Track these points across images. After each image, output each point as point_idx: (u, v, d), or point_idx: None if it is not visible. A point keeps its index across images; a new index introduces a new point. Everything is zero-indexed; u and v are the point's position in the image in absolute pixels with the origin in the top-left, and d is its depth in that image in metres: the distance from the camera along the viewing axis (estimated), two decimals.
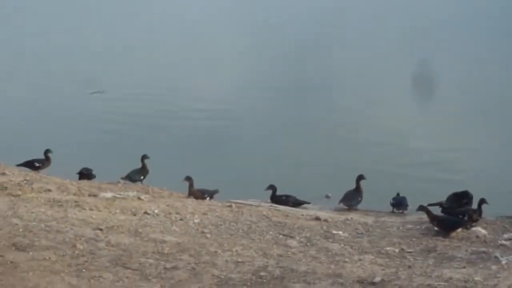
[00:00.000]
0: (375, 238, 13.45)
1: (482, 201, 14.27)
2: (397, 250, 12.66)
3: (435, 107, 27.02)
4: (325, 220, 14.38)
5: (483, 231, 13.60)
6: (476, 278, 10.95)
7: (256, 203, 15.52)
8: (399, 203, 15.66)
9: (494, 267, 11.58)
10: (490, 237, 13.35)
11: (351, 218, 14.75)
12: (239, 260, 11.54)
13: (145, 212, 13.80)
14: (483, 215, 14.32)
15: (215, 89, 29.40)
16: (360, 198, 15.99)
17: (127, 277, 10.59)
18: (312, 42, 39.49)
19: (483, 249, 12.53)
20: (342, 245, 12.90)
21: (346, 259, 12.03)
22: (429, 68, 32.00)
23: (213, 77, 32.17)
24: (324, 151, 21.36)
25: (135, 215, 13.65)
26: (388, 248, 12.75)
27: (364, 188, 16.08)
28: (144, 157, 17.63)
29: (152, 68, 34.33)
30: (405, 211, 15.51)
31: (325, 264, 11.71)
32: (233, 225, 13.56)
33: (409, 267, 11.71)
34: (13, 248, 11.23)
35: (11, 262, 10.69)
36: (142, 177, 17.49)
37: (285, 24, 45.66)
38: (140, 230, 12.67)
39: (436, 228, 13.63)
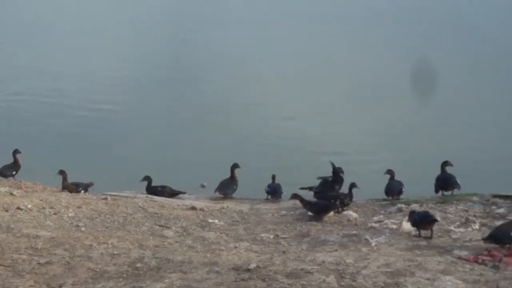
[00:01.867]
0: (251, 225, 13.66)
1: (352, 185, 14.67)
2: (271, 237, 12.89)
3: (311, 91, 27.44)
4: (201, 209, 14.49)
5: (354, 215, 14.01)
6: (348, 260, 11.27)
7: (131, 195, 15.47)
8: (274, 191, 15.89)
9: (364, 249, 11.95)
10: (361, 220, 13.77)
11: (227, 207, 14.90)
12: (115, 252, 11.49)
13: (18, 208, 13.55)
14: (354, 198, 14.74)
15: (88, 81, 28.98)
16: (235, 187, 16.14)
17: None
18: (187, 36, 39.41)
19: (354, 232, 12.91)
20: (218, 233, 13.04)
21: (222, 247, 12.16)
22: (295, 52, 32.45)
23: (87, 68, 31.69)
24: (198, 140, 21.43)
25: (7, 210, 13.38)
26: (263, 235, 12.97)
27: (238, 176, 16.23)
28: (15, 152, 17.25)
29: (24, 59, 33.49)
30: (279, 198, 15.75)
31: (201, 253, 11.81)
32: (108, 218, 13.49)
33: (284, 252, 11.95)
34: None
35: None
36: (14, 172, 17.13)
37: (164, 18, 45.40)
38: (12, 225, 12.44)
39: (309, 213, 13.95)
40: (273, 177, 16.02)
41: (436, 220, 12.62)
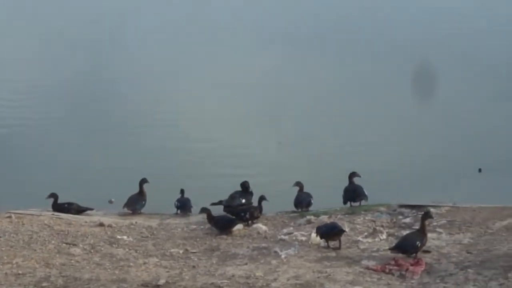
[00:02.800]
0: (160, 240, 13.54)
1: (261, 198, 14.71)
2: (181, 251, 12.81)
3: (224, 108, 27.43)
4: (109, 226, 14.29)
5: (264, 227, 14.04)
6: (258, 274, 11.29)
7: (37, 213, 15.13)
8: (183, 205, 15.77)
9: (274, 261, 11.99)
10: (271, 232, 13.80)
11: (136, 222, 14.74)
12: (20, 272, 11.24)
13: None
14: (264, 211, 14.78)
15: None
16: (144, 202, 15.95)
17: None
18: (100, 49, 38.92)
19: (264, 244, 12.93)
20: (127, 249, 12.89)
21: (131, 264, 12.02)
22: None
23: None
24: (105, 156, 21.11)
25: None
26: (172, 250, 12.88)
27: (147, 191, 16.07)
28: None
29: None
30: (189, 213, 15.64)
31: (109, 270, 11.64)
32: (13, 237, 13.17)
33: (194, 267, 11.89)
34: None
35: None
36: None
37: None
38: None
39: (215, 228, 13.91)
40: (182, 192, 15.91)
41: (343, 231, 12.75)
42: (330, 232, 12.68)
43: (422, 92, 26.09)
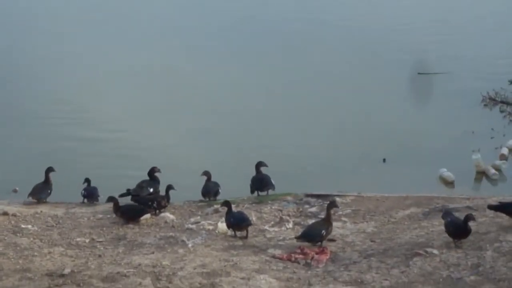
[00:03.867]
0: (66, 230, 13.41)
1: (169, 187, 14.70)
2: (87, 241, 12.71)
3: (136, 98, 27.22)
4: (14, 215, 14.06)
5: (171, 216, 14.05)
6: (164, 262, 11.30)
7: None
8: (90, 194, 15.63)
9: (181, 250, 12.01)
10: (178, 221, 13.82)
11: (41, 211, 14.54)
12: None
13: None
14: (171, 200, 14.78)
15: None
16: (49, 191, 15.73)
17: None
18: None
19: (171, 234, 12.94)
20: (32, 239, 12.72)
21: (36, 253, 11.87)
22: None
23: None
24: (9, 144, 20.70)
25: None
26: (78, 239, 12.77)
27: (53, 180, 15.85)
28: None
29: None
30: (96, 202, 15.50)
31: (13, 259, 11.48)
32: None
33: (100, 256, 11.82)
34: None
35: None
36: None
37: None
38: None
39: (121, 219, 13.83)
40: (88, 181, 15.74)
41: (251, 224, 12.86)
42: (239, 224, 12.78)
43: (329, 84, 26.46)
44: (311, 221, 13.27)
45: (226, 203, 13.08)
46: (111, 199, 14.19)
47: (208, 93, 27.20)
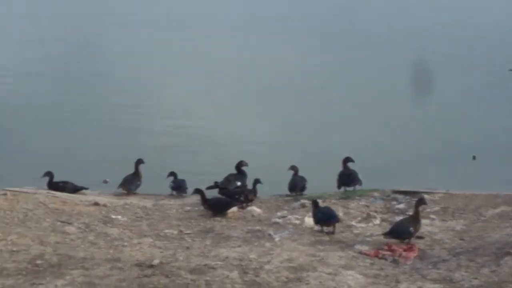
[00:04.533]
0: (154, 221, 13.59)
1: (256, 181, 14.77)
2: (175, 232, 12.85)
3: (213, 89, 27.43)
4: (104, 205, 14.32)
5: (258, 210, 14.10)
6: (251, 256, 11.34)
7: (32, 191, 15.15)
8: (178, 186, 15.82)
9: (268, 244, 12.04)
10: (265, 215, 13.86)
11: (130, 202, 14.78)
12: (14, 249, 11.26)
13: None
14: (258, 194, 14.83)
15: None
16: (139, 182, 16.00)
17: None
18: (85, 30, 38.88)
19: (258, 227, 12.99)
20: (121, 229, 12.92)
21: (125, 243, 12.05)
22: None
23: None
24: (100, 135, 21.13)
25: None
26: (167, 231, 12.92)
27: (143, 172, 16.11)
28: None
29: None
30: (184, 194, 15.68)
31: (103, 249, 11.68)
32: (8, 214, 13.18)
33: (187, 248, 11.92)
34: None
35: None
36: None
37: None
38: None
39: (208, 211, 13.94)
40: (173, 174, 15.92)
41: (338, 220, 12.80)
42: (326, 220, 12.73)
43: (420, 80, 26.14)
44: (398, 218, 13.14)
45: (314, 202, 13.06)
46: (197, 191, 14.33)
47: (292, 84, 27.25)
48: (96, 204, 14.38)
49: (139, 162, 16.12)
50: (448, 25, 35.91)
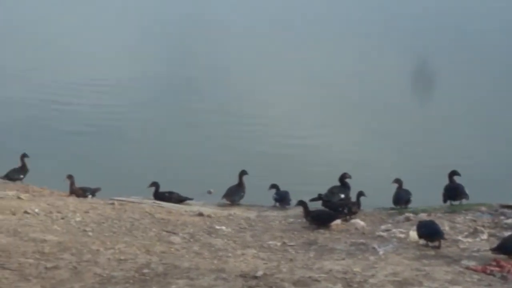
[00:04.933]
0: (258, 232, 13.62)
1: (360, 194, 14.66)
2: (279, 244, 12.85)
3: (314, 101, 27.44)
4: (208, 216, 14.46)
5: (362, 223, 13.97)
6: (355, 269, 11.23)
7: (138, 200, 15.45)
8: (282, 198, 15.84)
9: (372, 257, 11.91)
10: (369, 228, 13.73)
11: (234, 213, 14.88)
12: (122, 257, 11.47)
13: (25, 212, 13.53)
14: (362, 207, 14.71)
15: (97, 84, 28.98)
16: (242, 193, 16.11)
17: (6, 278, 10.37)
18: (197, 40, 39.50)
19: (362, 240, 12.87)
20: (225, 240, 13.01)
21: (229, 254, 12.13)
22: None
23: (96, 71, 31.71)
24: (206, 147, 21.41)
25: (14, 214, 13.37)
26: (270, 242, 12.93)
27: (246, 183, 16.21)
28: (23, 156, 17.29)
29: (27, 60, 33.41)
30: (287, 206, 15.68)
31: (208, 259, 11.77)
32: (115, 223, 13.47)
33: (291, 260, 11.91)
34: None
35: None
36: (22, 176, 17.16)
37: (176, 20, 45.52)
38: (19, 229, 12.42)
39: (311, 224, 13.89)
40: (274, 186, 15.96)
41: (443, 236, 12.52)
42: (431, 236, 12.49)
43: None
44: (507, 233, 12.78)
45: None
46: (301, 203, 14.30)
47: (395, 95, 26.99)
48: (200, 214, 14.54)
49: (243, 173, 16.23)
50: None
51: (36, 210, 13.67)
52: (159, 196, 15.96)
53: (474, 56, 33.25)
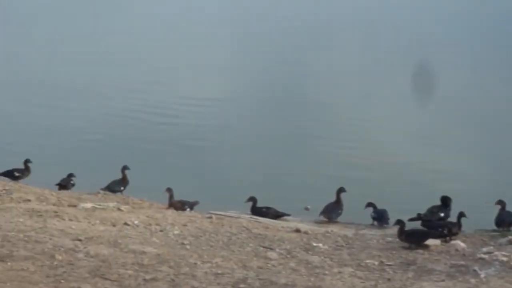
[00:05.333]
0: (355, 250, 13.48)
1: (461, 215, 14.34)
2: (376, 263, 12.68)
3: (411, 116, 27.12)
4: (305, 232, 14.39)
5: (462, 245, 13.66)
6: None
7: (236, 215, 15.52)
8: (380, 217, 15.65)
9: (473, 280, 11.63)
10: (469, 250, 13.41)
11: (331, 231, 14.77)
12: (219, 271, 11.51)
13: (125, 223, 13.75)
14: (462, 228, 14.39)
15: (194, 99, 29.30)
16: (340, 211, 15.99)
17: None
18: (299, 53, 39.60)
19: (462, 262, 12.59)
20: (322, 257, 12.91)
21: (326, 272, 12.03)
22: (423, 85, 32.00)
23: (194, 86, 32.12)
24: (304, 163, 21.37)
25: (114, 226, 13.60)
26: (367, 261, 12.78)
27: (344, 200, 16.09)
28: (124, 168, 17.60)
29: (130, 76, 34.07)
30: (385, 225, 15.48)
31: (305, 276, 11.71)
32: (213, 237, 13.54)
33: (389, 280, 11.73)
34: None
35: None
36: (122, 188, 17.46)
37: (272, 32, 45.78)
38: (119, 241, 12.62)
39: (404, 242, 13.65)
40: (373, 205, 15.78)
41: None
42: None
43: None
44: None
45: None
46: (398, 222, 14.08)
47: (495, 113, 26.40)
48: (297, 231, 14.48)
49: (341, 190, 16.12)
50: None
51: (136, 222, 13.88)
52: (257, 211, 16.00)
53: None
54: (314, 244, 13.64)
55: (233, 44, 42.60)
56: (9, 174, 17.62)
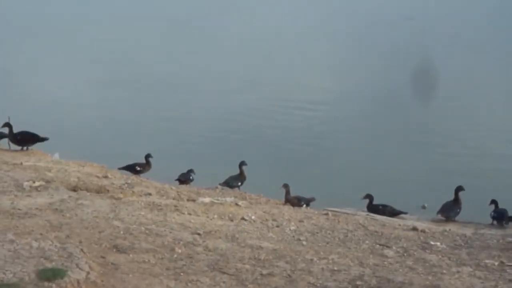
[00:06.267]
0: (474, 250, 13.22)
1: None
2: (496, 263, 12.41)
3: None
4: (422, 231, 14.22)
5: None
6: None
7: (352, 212, 15.48)
8: (500, 216, 15.33)
9: None
10: None
11: (449, 230, 14.55)
12: (335, 268, 11.51)
13: (242, 218, 13.92)
14: None
15: (313, 97, 29.39)
16: (458, 210, 15.75)
17: (224, 282, 10.69)
18: (415, 53, 39.13)
19: None
20: (440, 256, 12.72)
21: (444, 271, 11.85)
22: None
23: (311, 84, 32.19)
24: (421, 161, 21.13)
25: (232, 220, 13.79)
26: (487, 261, 12.51)
27: (463, 199, 15.82)
28: (242, 164, 17.83)
29: (249, 76, 34.43)
30: (506, 225, 15.15)
31: (422, 275, 11.57)
32: (329, 233, 13.55)
33: (510, 281, 11.46)
34: (114, 250, 11.47)
35: (112, 264, 10.93)
36: (239, 183, 17.70)
37: (388, 32, 45.37)
38: (237, 235, 12.79)
39: None
40: (495, 202, 15.44)
41: None
42: None
43: None
44: None
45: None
46: None
47: None
48: (414, 229, 14.33)
49: (459, 189, 15.87)
50: None
51: (253, 217, 14.03)
52: (373, 208, 15.94)
53: None
54: (432, 243, 13.46)
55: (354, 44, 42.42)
56: (131, 168, 18.13)
